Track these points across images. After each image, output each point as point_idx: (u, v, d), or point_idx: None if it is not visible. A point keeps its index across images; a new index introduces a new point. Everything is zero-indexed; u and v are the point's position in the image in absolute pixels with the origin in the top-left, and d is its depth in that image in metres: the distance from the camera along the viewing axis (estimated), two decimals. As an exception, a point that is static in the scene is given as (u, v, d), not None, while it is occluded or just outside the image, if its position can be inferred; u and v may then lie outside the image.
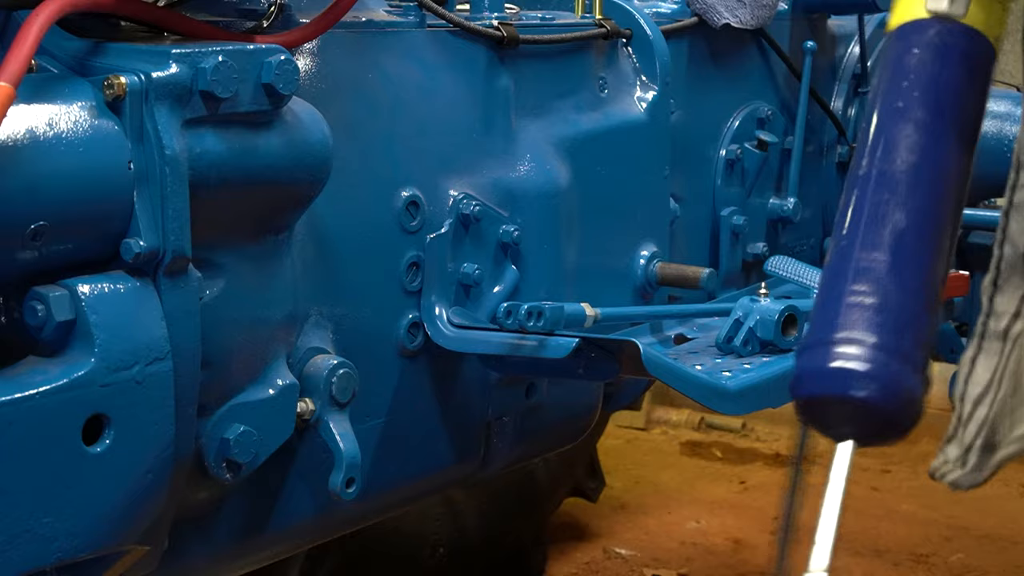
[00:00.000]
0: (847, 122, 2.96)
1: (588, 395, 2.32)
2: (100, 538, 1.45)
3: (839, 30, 2.98)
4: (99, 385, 1.41)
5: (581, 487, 3.63)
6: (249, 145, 1.56)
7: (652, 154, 2.32)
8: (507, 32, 2.06)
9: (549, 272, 2.12)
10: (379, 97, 1.89)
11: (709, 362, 2.01)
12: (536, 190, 2.09)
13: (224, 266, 1.60)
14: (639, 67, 2.34)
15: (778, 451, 4.61)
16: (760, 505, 4.09)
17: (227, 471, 1.63)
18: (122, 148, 1.46)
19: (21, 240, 1.39)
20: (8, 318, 1.45)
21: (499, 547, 3.33)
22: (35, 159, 1.39)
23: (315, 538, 2.00)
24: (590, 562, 3.68)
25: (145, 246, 1.47)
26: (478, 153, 2.03)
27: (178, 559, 1.67)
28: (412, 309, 1.93)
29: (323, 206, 1.74)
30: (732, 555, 3.74)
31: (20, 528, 1.37)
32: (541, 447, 2.34)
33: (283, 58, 1.55)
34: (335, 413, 1.74)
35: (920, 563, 3.64)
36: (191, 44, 1.54)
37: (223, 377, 1.61)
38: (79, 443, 1.41)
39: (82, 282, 1.43)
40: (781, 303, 2.06)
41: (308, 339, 1.76)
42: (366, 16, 1.91)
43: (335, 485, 1.71)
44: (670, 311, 2.28)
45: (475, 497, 3.18)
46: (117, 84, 1.46)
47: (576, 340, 1.81)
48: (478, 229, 1.99)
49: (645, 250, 2.30)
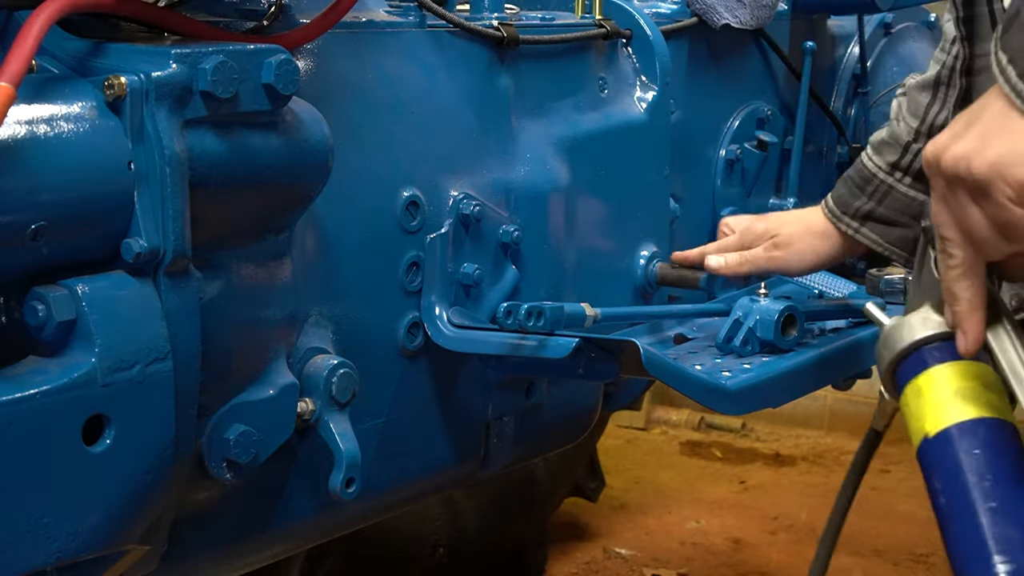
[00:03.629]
0: (847, 122, 2.96)
1: (588, 395, 2.32)
2: (100, 538, 1.45)
3: (839, 30, 2.98)
4: (99, 385, 1.41)
5: (581, 487, 3.63)
6: (249, 145, 1.56)
7: (652, 154, 2.32)
8: (507, 32, 2.06)
9: (549, 272, 2.12)
10: (379, 97, 1.89)
11: (709, 362, 2.01)
12: (536, 190, 2.10)
13: (224, 266, 1.60)
14: (639, 67, 2.34)
15: (778, 451, 4.61)
16: (760, 505, 4.09)
17: (227, 471, 1.63)
18: (122, 148, 1.46)
19: (21, 240, 1.38)
20: (8, 318, 1.45)
21: (499, 547, 3.33)
22: (35, 159, 1.39)
23: (315, 538, 2.00)
24: (590, 562, 3.68)
25: (145, 246, 1.47)
26: (478, 153, 2.03)
27: (178, 559, 1.67)
28: (412, 309, 1.93)
29: (323, 206, 1.74)
30: (732, 555, 3.74)
31: (20, 528, 1.37)
32: (541, 447, 2.34)
33: (283, 58, 1.55)
34: (335, 413, 1.74)
35: (920, 563, 3.64)
36: (191, 44, 1.54)
37: (223, 377, 1.61)
38: (79, 443, 1.41)
39: (82, 282, 1.43)
40: (781, 303, 2.06)
41: (308, 339, 1.76)
42: (366, 16, 1.91)
43: (335, 485, 1.71)
44: (670, 311, 2.28)
45: (475, 497, 3.18)
46: (117, 84, 1.46)
47: (576, 340, 1.81)
48: (478, 229, 1.99)
49: (645, 250, 2.30)
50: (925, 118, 2.03)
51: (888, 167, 2.07)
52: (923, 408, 1.28)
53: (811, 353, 2.06)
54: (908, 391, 1.31)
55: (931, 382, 1.30)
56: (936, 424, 1.26)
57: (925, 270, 1.40)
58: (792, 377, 2.01)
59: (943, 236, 1.26)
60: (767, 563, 3.68)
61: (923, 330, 1.34)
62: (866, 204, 2.08)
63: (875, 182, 2.08)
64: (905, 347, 1.34)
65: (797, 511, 4.02)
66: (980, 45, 1.60)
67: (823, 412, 4.79)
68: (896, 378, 1.35)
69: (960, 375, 1.28)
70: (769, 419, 4.74)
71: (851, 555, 3.66)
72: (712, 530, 3.90)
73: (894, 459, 4.34)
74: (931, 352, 1.32)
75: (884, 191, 2.07)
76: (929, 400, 1.28)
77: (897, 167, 2.06)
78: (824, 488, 4.26)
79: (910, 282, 1.47)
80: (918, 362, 1.32)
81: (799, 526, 3.92)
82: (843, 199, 2.10)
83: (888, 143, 2.08)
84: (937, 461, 1.25)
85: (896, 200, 2.06)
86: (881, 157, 2.08)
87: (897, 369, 1.35)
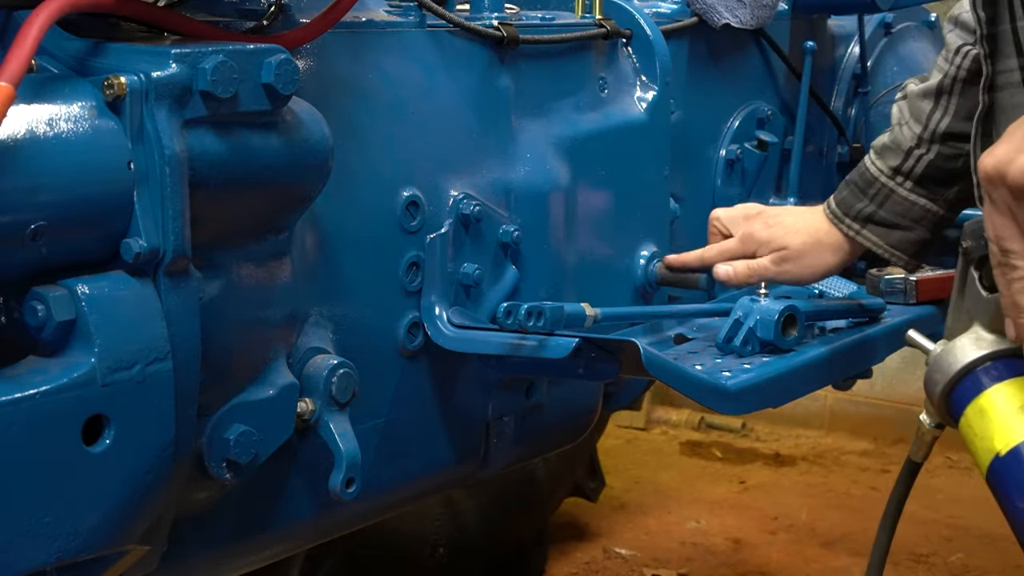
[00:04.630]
0: (847, 122, 2.96)
1: (588, 395, 2.32)
2: (100, 538, 1.45)
3: (839, 30, 2.98)
4: (99, 385, 1.41)
5: (581, 487, 3.64)
6: (249, 145, 1.56)
7: (652, 154, 2.32)
8: (507, 32, 2.06)
9: (549, 272, 2.12)
10: (379, 97, 1.89)
11: (709, 362, 2.01)
12: (536, 190, 2.09)
13: (224, 266, 1.60)
14: (639, 67, 2.34)
15: (778, 451, 4.61)
16: (760, 505, 4.09)
17: (227, 471, 1.63)
18: (122, 148, 1.46)
19: (21, 240, 1.38)
20: (8, 318, 1.45)
21: (499, 547, 3.33)
22: (35, 159, 1.39)
23: (315, 538, 2.00)
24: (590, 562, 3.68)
25: (145, 246, 1.46)
26: (478, 153, 2.03)
27: (178, 559, 1.67)
28: (412, 309, 1.93)
29: (323, 206, 1.74)
30: (732, 555, 3.74)
31: (20, 528, 1.37)
32: (541, 447, 2.34)
33: (283, 58, 1.55)
34: (335, 413, 1.74)
35: (920, 563, 3.64)
36: (191, 44, 1.54)
37: (223, 377, 1.61)
38: (79, 443, 1.41)
39: (82, 282, 1.43)
40: (781, 303, 2.07)
41: (308, 339, 1.76)
42: (366, 16, 1.91)
43: (335, 485, 1.71)
44: (670, 311, 2.28)
45: (475, 497, 3.18)
46: (117, 84, 1.46)
47: (576, 340, 1.81)
48: (478, 229, 1.99)
49: (645, 250, 2.30)
50: (928, 124, 2.05)
51: (890, 171, 2.08)
52: (990, 427, 1.28)
53: (811, 353, 2.06)
54: (970, 412, 1.31)
55: (994, 401, 1.29)
56: (1006, 442, 1.25)
57: (969, 290, 1.39)
58: (792, 377, 2.01)
59: (1007, 249, 1.25)
60: (767, 563, 3.68)
61: (976, 350, 1.34)
62: (867, 207, 2.09)
63: (877, 185, 2.09)
64: (960, 369, 1.34)
65: (797, 511, 4.02)
66: (1003, 62, 1.63)
67: (823, 412, 4.79)
68: (952, 401, 1.35)
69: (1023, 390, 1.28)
70: (769, 419, 4.74)
71: (851, 555, 3.67)
72: (712, 530, 3.90)
73: (894, 459, 4.35)
74: (988, 371, 1.32)
75: (885, 194, 2.08)
76: (995, 419, 1.28)
77: (899, 171, 2.07)
78: (824, 488, 4.26)
79: (949, 304, 1.46)
80: (976, 383, 1.32)
81: (799, 526, 3.92)
82: (846, 201, 2.12)
83: (890, 148, 2.09)
84: (1013, 478, 1.25)
85: (896, 204, 2.08)
86: (883, 161, 2.09)
87: (952, 392, 1.34)
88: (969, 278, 1.39)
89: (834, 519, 3.95)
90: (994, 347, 1.33)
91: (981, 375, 1.32)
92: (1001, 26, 1.62)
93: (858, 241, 2.11)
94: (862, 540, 3.76)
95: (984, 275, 1.38)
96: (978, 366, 1.33)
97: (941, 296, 2.30)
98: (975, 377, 1.32)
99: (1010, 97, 1.64)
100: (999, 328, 1.35)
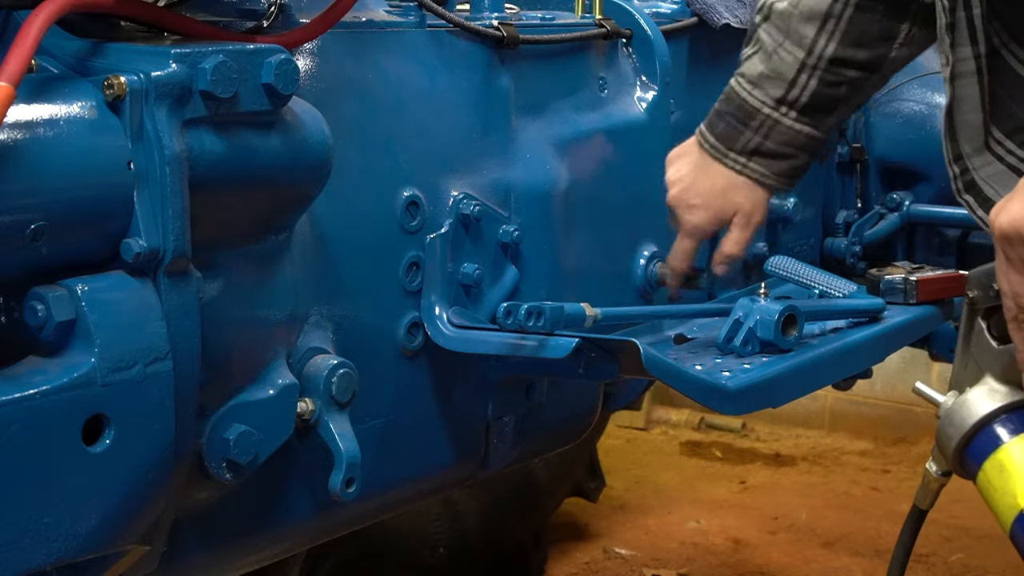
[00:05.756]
0: (847, 121, 2.96)
1: (588, 395, 2.32)
2: (100, 538, 1.45)
3: (839, 30, 2.97)
4: (99, 385, 1.41)
5: (581, 487, 3.64)
6: (249, 145, 1.56)
7: (652, 154, 2.32)
8: (507, 32, 2.06)
9: (549, 272, 2.12)
10: (379, 97, 1.89)
11: (709, 362, 2.01)
12: (536, 190, 2.09)
13: (224, 266, 1.60)
14: (639, 67, 2.34)
15: (778, 451, 4.61)
16: (760, 505, 4.09)
17: (227, 471, 1.63)
18: (122, 148, 1.46)
19: (21, 240, 1.38)
20: (8, 318, 1.45)
21: (499, 547, 3.33)
22: (35, 159, 1.38)
23: (315, 538, 2.00)
24: (590, 562, 3.68)
25: (145, 246, 1.46)
26: (478, 153, 2.03)
27: (178, 559, 1.67)
28: (412, 309, 1.93)
29: (323, 206, 1.74)
30: (732, 555, 3.74)
31: (20, 528, 1.37)
32: (541, 447, 2.34)
33: (283, 58, 1.55)
34: (335, 413, 1.73)
35: (920, 563, 3.64)
36: (191, 44, 1.53)
37: (223, 377, 1.61)
38: (79, 443, 1.41)
39: (82, 282, 1.43)
40: (781, 303, 2.07)
41: (308, 339, 1.76)
42: (366, 16, 1.91)
43: (335, 485, 1.71)
44: (670, 311, 2.28)
45: (475, 497, 3.18)
46: (117, 84, 1.46)
47: (576, 340, 1.81)
48: (478, 229, 1.99)
49: (645, 250, 2.30)
50: (812, 50, 2.00)
51: (773, 102, 2.05)
52: (1010, 483, 1.25)
53: (811, 353, 2.06)
54: (988, 468, 1.28)
55: (1013, 455, 1.27)
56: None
57: (976, 340, 1.37)
58: (792, 377, 2.01)
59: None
60: (767, 563, 3.68)
61: (991, 403, 1.31)
62: (752, 139, 2.07)
63: (760, 117, 2.06)
64: (975, 423, 1.31)
65: (797, 511, 4.02)
66: (959, 50, 1.61)
67: (823, 412, 4.79)
68: (968, 456, 1.32)
69: None
70: (769, 419, 4.74)
71: (851, 555, 3.67)
72: (712, 530, 3.90)
73: (894, 459, 4.35)
74: (1004, 424, 1.30)
75: (770, 126, 2.06)
76: (1016, 474, 1.26)
77: (783, 102, 2.04)
78: (824, 488, 4.26)
79: (955, 357, 1.43)
80: (993, 437, 1.30)
81: (799, 526, 3.92)
82: (726, 135, 2.09)
83: (769, 76, 2.04)
84: None
85: (782, 134, 2.06)
86: (763, 91, 2.05)
87: (968, 447, 1.32)
88: (976, 328, 1.37)
89: (834, 519, 3.95)
90: (1008, 399, 1.30)
91: (998, 428, 1.29)
92: (958, 13, 1.60)
93: (745, 173, 2.09)
94: (862, 540, 3.76)
95: (993, 325, 1.35)
96: (994, 419, 1.30)
97: (941, 296, 2.30)
98: (991, 431, 1.30)
99: (964, 87, 1.62)
100: (1012, 379, 1.33)
